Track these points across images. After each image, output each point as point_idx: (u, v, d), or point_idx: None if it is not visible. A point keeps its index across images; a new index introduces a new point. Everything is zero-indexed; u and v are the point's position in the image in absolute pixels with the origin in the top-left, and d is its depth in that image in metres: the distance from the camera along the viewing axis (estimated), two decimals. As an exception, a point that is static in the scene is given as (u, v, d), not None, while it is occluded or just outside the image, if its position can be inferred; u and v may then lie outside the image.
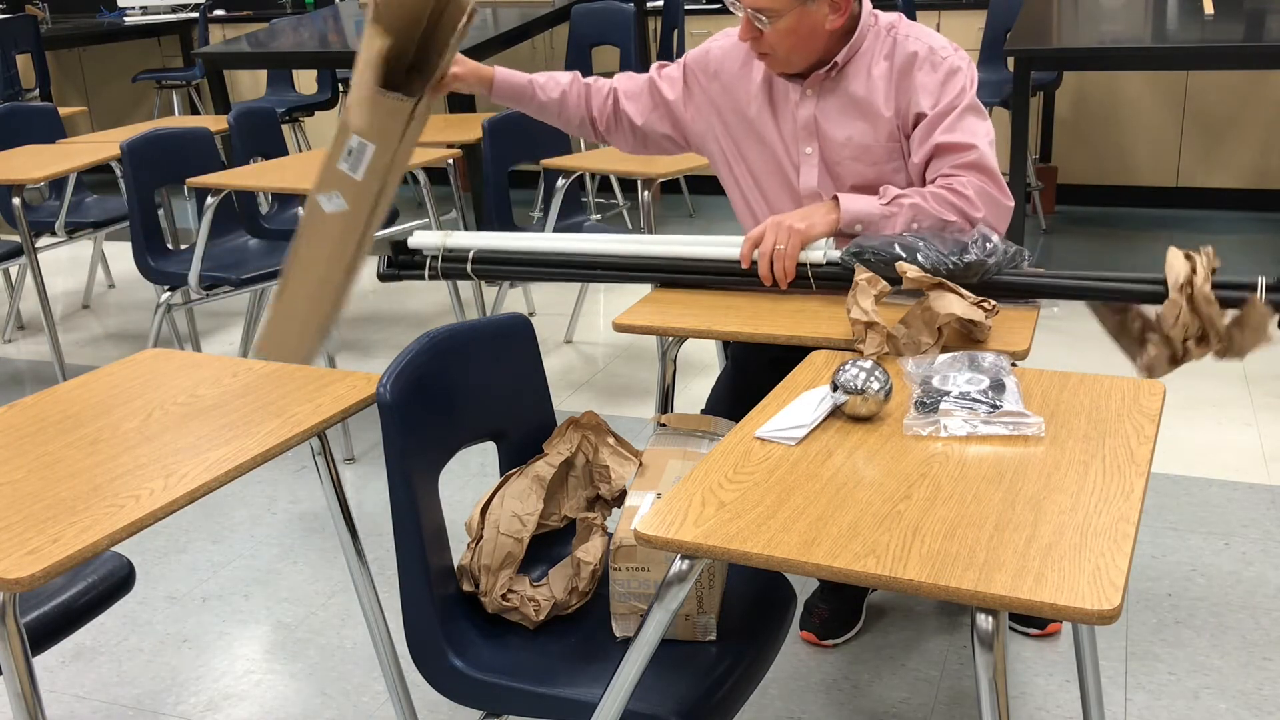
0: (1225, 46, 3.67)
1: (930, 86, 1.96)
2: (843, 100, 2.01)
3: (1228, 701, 2.04)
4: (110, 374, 1.76)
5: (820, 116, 2.03)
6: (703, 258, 1.99)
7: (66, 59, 7.23)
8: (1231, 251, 4.69)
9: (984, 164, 1.95)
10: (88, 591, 1.68)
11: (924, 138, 1.97)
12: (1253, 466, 2.88)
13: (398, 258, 2.15)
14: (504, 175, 3.67)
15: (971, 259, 1.80)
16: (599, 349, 3.98)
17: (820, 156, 2.05)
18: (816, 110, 2.03)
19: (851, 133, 2.01)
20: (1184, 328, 1.70)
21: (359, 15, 5.70)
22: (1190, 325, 1.70)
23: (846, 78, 2.01)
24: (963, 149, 1.94)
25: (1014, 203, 2.00)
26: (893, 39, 2.00)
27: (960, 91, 1.96)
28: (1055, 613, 1.06)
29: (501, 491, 1.64)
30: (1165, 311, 1.70)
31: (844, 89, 2.01)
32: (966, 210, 1.93)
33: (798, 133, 2.06)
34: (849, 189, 2.03)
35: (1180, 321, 1.69)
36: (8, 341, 4.42)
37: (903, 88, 1.98)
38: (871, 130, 2.00)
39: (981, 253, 1.81)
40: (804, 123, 2.04)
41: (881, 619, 2.34)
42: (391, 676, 1.85)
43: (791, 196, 2.10)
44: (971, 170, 1.94)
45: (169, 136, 3.55)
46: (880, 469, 1.33)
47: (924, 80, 1.96)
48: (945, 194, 1.93)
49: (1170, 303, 1.70)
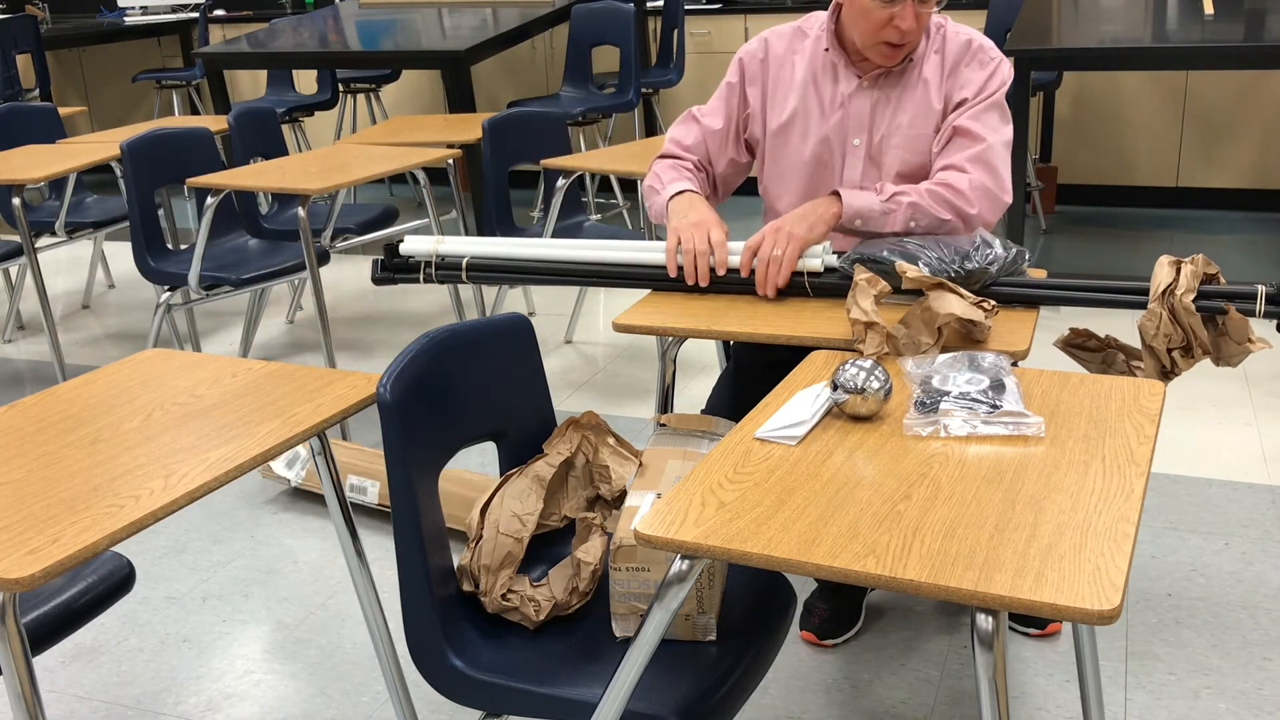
0: (1225, 46, 3.68)
1: (976, 81, 2.06)
2: (898, 92, 2.09)
3: (1228, 701, 2.04)
4: (110, 374, 1.76)
5: (876, 108, 2.10)
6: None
7: (66, 59, 7.23)
8: (1231, 251, 4.69)
9: (989, 159, 2.01)
10: (88, 591, 1.68)
11: (952, 122, 2.05)
12: (1253, 466, 2.88)
13: (391, 261, 2.14)
14: (504, 175, 3.67)
15: (974, 267, 1.81)
16: (599, 349, 3.98)
17: (867, 148, 2.11)
18: (873, 102, 2.10)
19: (903, 120, 2.09)
20: (1166, 338, 1.69)
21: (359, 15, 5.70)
22: (1173, 335, 1.69)
23: (903, 71, 2.09)
24: (975, 139, 2.02)
25: (1011, 199, 2.05)
26: (942, 36, 2.10)
27: (996, 89, 2.06)
28: (1055, 613, 1.06)
29: (501, 491, 1.64)
30: (1145, 322, 1.70)
31: (898, 82, 2.09)
32: (962, 208, 1.98)
33: (847, 125, 2.11)
34: (894, 177, 2.09)
35: (1161, 331, 1.69)
36: (8, 341, 4.42)
37: (951, 81, 2.07)
38: (921, 120, 2.08)
39: (984, 260, 1.81)
40: (856, 115, 2.10)
41: (881, 619, 2.34)
42: (391, 676, 1.85)
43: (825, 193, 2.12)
44: (976, 163, 2.00)
45: (169, 136, 3.56)
46: (880, 469, 1.33)
47: (970, 75, 2.07)
48: (942, 191, 1.98)
49: (1149, 313, 1.70)
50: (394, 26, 5.28)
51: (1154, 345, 1.70)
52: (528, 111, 3.80)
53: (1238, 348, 1.72)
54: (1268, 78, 5.07)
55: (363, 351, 4.06)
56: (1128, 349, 1.82)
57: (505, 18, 5.16)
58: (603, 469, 1.67)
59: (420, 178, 3.66)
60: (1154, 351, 1.71)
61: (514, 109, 3.88)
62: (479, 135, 3.81)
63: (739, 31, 5.79)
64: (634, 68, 5.14)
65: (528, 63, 6.29)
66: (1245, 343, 1.71)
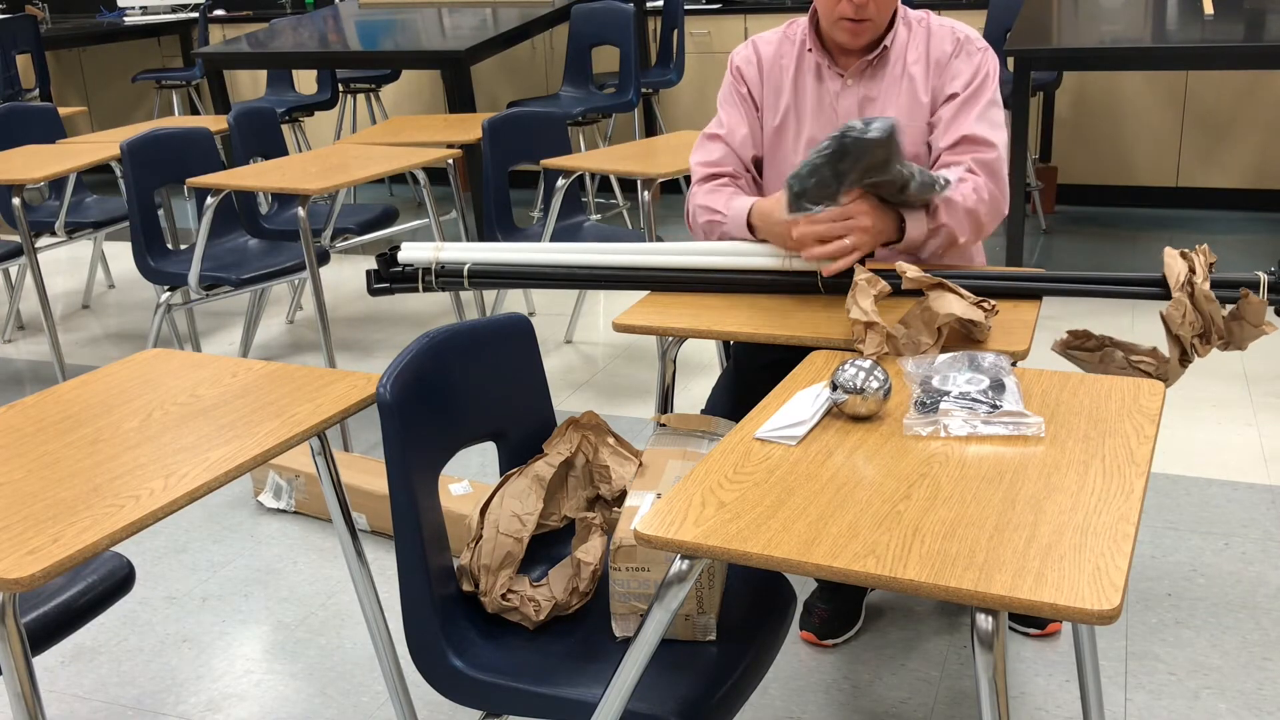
0: (1225, 46, 3.68)
1: (965, 73, 2.08)
2: (883, 85, 2.11)
3: (1228, 701, 2.04)
4: (110, 374, 1.76)
5: (864, 102, 2.12)
6: (699, 267, 1.99)
7: (66, 59, 7.23)
8: (1231, 251, 4.69)
9: (998, 168, 2.05)
10: (88, 591, 1.68)
11: (952, 120, 2.07)
12: (1253, 466, 2.88)
13: (387, 271, 2.11)
14: (504, 175, 3.67)
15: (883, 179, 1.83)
16: (599, 349, 3.98)
17: None
18: (860, 96, 2.11)
19: (893, 114, 2.10)
20: (1191, 325, 1.72)
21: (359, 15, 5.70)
22: (1195, 323, 1.73)
23: (886, 65, 2.11)
24: (986, 146, 2.05)
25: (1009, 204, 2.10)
26: (926, 29, 2.12)
27: (988, 82, 2.08)
28: (1055, 613, 1.06)
29: (501, 491, 1.64)
30: (1171, 311, 1.73)
31: (883, 76, 2.11)
32: (986, 226, 2.05)
33: (836, 124, 2.11)
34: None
35: (1186, 319, 1.72)
36: (8, 341, 4.42)
37: (938, 74, 2.09)
38: (910, 114, 2.10)
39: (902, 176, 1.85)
40: (845, 114, 2.12)
41: (881, 619, 2.34)
42: (391, 676, 1.85)
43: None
44: (987, 172, 2.04)
45: (169, 136, 3.56)
46: (880, 469, 1.33)
47: (959, 67, 2.09)
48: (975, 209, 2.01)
49: (1175, 302, 1.72)
50: (394, 26, 5.28)
51: (1180, 334, 1.73)
52: (528, 111, 3.80)
53: (1253, 330, 1.75)
54: (1268, 78, 5.07)
55: (363, 351, 4.06)
56: (1126, 346, 1.83)
57: (505, 18, 5.17)
58: (603, 469, 1.67)
59: (420, 178, 3.66)
60: (1179, 340, 1.74)
61: (514, 109, 3.88)
62: (479, 135, 3.81)
63: (739, 31, 5.79)
64: (634, 68, 5.14)
65: (528, 63, 6.29)
66: (1261, 325, 1.74)
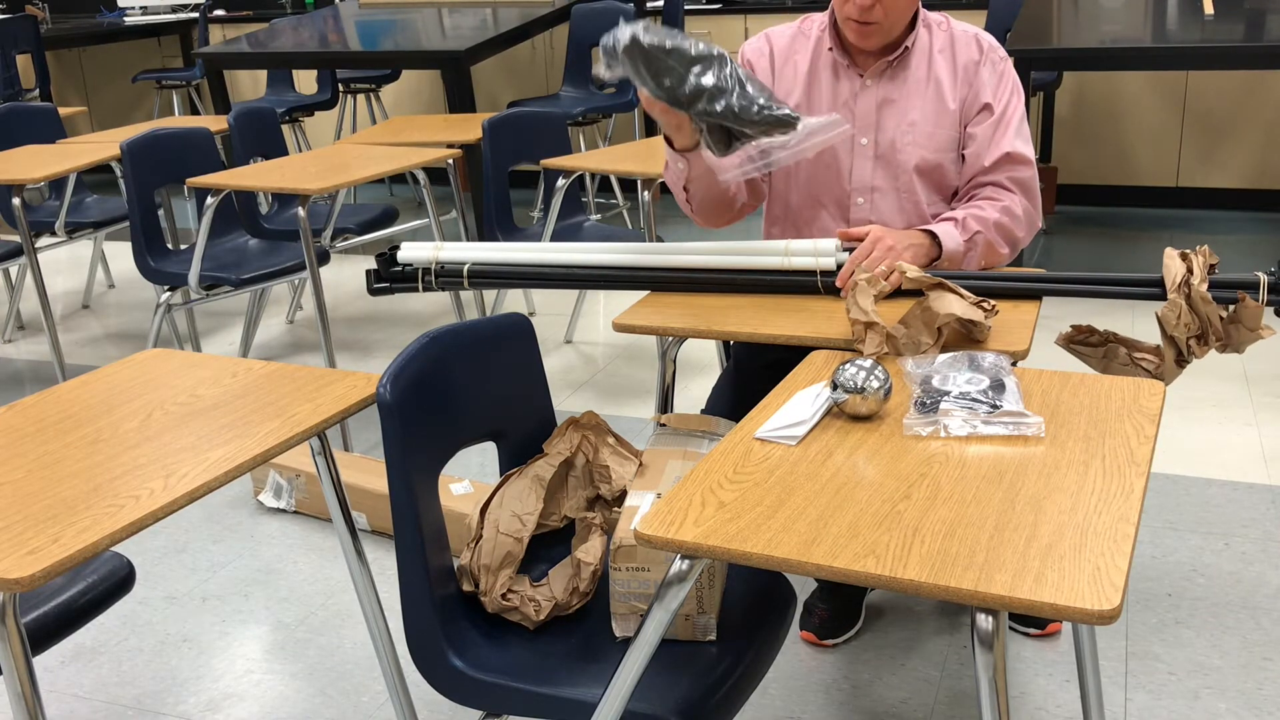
0: (1225, 46, 3.68)
1: (992, 83, 2.07)
2: (906, 87, 2.08)
3: (1228, 701, 2.04)
4: (110, 374, 1.76)
5: (883, 104, 2.08)
6: (699, 267, 1.99)
7: (66, 59, 7.23)
8: (1231, 251, 4.69)
9: (1032, 185, 2.07)
10: (88, 591, 1.68)
11: (992, 138, 2.05)
12: (1253, 466, 2.88)
13: (387, 271, 2.11)
14: (504, 175, 3.67)
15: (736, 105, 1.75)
16: (599, 349, 3.98)
17: (874, 148, 2.09)
18: (880, 98, 2.08)
19: (914, 119, 2.07)
20: (1186, 327, 1.72)
21: (359, 15, 5.70)
22: (1191, 324, 1.72)
23: (907, 67, 2.08)
24: (1024, 163, 2.06)
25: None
26: (948, 34, 2.09)
27: (1018, 95, 2.08)
28: (1055, 613, 1.06)
29: (501, 491, 1.64)
30: (1166, 312, 1.72)
31: (905, 77, 2.08)
32: (1017, 239, 2.06)
33: (853, 125, 2.10)
34: (911, 173, 2.08)
35: (1181, 321, 1.72)
36: (8, 341, 4.42)
37: (966, 82, 2.07)
38: (934, 117, 2.07)
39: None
40: (863, 115, 2.08)
41: (881, 619, 2.34)
42: (391, 676, 1.85)
43: (834, 193, 2.12)
44: (1023, 189, 2.06)
45: (169, 136, 3.56)
46: (880, 469, 1.33)
47: (987, 76, 2.07)
48: (1008, 224, 2.03)
49: (1170, 303, 1.72)
50: (394, 26, 5.28)
51: (1175, 335, 1.73)
52: (528, 111, 3.80)
53: (1249, 334, 1.74)
54: (1268, 78, 5.07)
55: (363, 351, 4.06)
56: (1129, 342, 1.82)
57: (505, 18, 5.16)
58: (603, 469, 1.67)
59: (420, 178, 3.66)
60: (1174, 341, 1.73)
61: (514, 109, 3.88)
62: (479, 135, 3.81)
63: (739, 31, 5.79)
64: (634, 68, 5.13)
65: (528, 63, 6.29)
66: (1258, 330, 1.73)
